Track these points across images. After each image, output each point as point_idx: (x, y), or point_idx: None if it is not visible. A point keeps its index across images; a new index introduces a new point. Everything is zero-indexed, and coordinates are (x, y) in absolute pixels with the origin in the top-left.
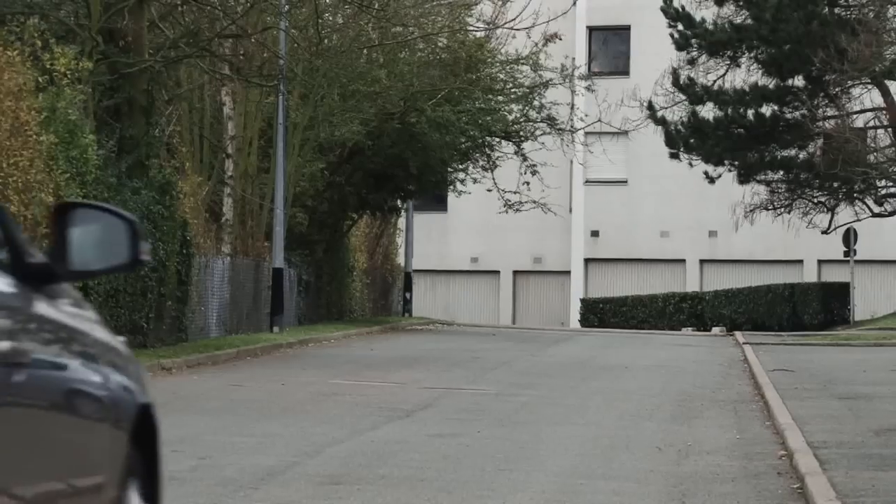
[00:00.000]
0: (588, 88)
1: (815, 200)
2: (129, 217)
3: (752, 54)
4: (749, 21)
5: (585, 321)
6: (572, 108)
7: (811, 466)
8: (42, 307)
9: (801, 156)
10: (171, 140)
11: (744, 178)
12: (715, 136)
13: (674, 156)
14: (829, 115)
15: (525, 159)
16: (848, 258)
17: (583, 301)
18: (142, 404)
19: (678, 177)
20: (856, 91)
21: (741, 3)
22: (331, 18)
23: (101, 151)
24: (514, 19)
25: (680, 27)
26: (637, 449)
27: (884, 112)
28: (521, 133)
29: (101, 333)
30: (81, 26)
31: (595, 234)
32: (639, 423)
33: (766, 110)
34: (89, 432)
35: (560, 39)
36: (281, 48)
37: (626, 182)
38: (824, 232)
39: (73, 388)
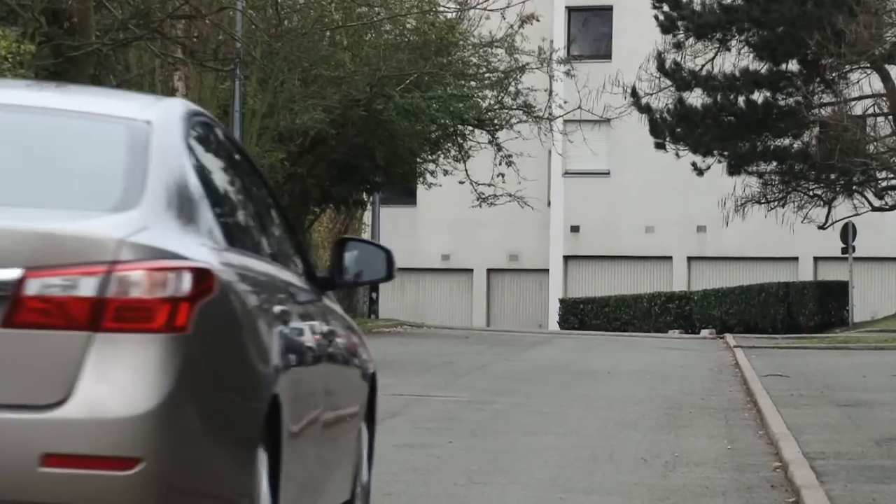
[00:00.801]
0: (567, 73)
1: (811, 193)
2: (386, 248)
3: (742, 37)
4: (739, 1)
5: (565, 323)
6: (550, 94)
7: (807, 479)
8: (328, 302)
9: (795, 145)
10: None
11: (734, 170)
12: (703, 125)
13: (659, 146)
14: (825, 101)
15: (500, 149)
16: (846, 255)
17: (562, 301)
18: (373, 371)
19: (664, 168)
20: (854, 76)
21: None
22: None
23: None
24: None
25: (665, 8)
26: (621, 460)
27: (884, 98)
28: (496, 121)
29: (350, 321)
30: (23, 6)
31: (575, 229)
32: (622, 433)
33: (758, 97)
34: (355, 380)
35: (537, 21)
36: (237, 30)
37: (608, 174)
38: (821, 227)
39: (350, 352)
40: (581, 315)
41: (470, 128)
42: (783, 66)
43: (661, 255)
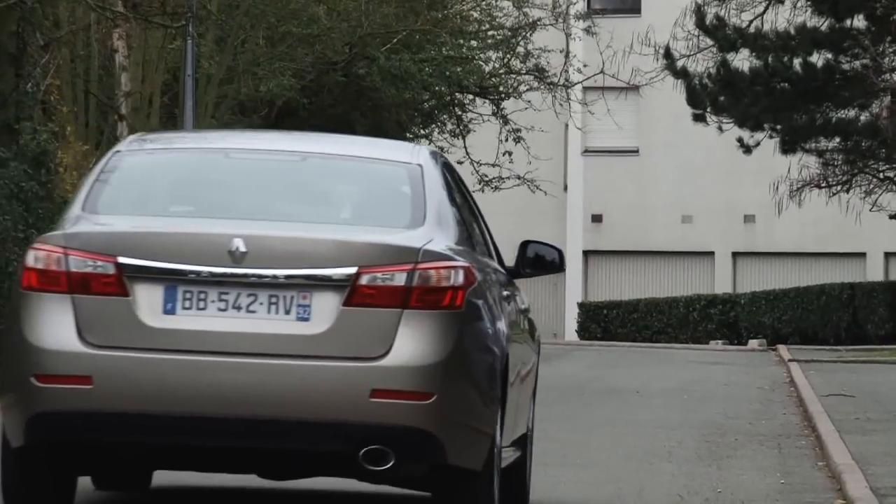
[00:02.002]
0: (587, 31)
1: (882, 176)
2: (558, 247)
3: None
4: None
5: (585, 332)
6: (567, 55)
7: None
8: (517, 286)
9: (862, 118)
10: (49, 97)
11: (789, 147)
12: (751, 93)
13: (698, 118)
14: None
15: (506, 122)
16: None
17: (581, 306)
18: (539, 343)
19: (704, 145)
20: None
21: None
22: None
23: None
24: None
25: None
26: (652, 498)
27: None
28: (501, 88)
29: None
30: None
31: (597, 218)
32: (654, 465)
33: (818, 59)
34: (532, 347)
35: None
36: None
37: (636, 152)
38: (893, 216)
39: (531, 323)
40: (604, 322)
41: (470, 96)
42: (847, 23)
43: (700, 251)
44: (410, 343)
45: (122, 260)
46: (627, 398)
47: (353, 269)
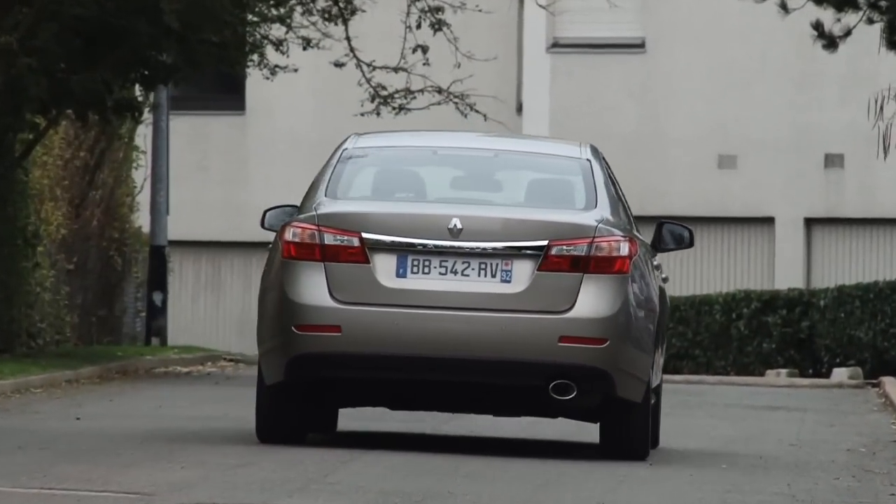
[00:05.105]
0: None
1: None
2: (689, 228)
3: None
4: None
5: None
6: None
7: None
8: (658, 260)
9: None
10: None
11: None
12: None
13: None
14: None
15: None
16: None
17: None
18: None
19: (756, 36)
20: None
21: None
22: None
23: None
24: None
25: None
26: None
27: None
28: None
29: None
30: None
31: None
32: None
33: None
34: (668, 309)
35: None
36: None
37: (641, 47)
38: None
39: (665, 292)
40: None
41: None
42: None
43: (750, 216)
44: (590, 300)
45: (364, 235)
46: (630, 466)
47: (544, 242)
